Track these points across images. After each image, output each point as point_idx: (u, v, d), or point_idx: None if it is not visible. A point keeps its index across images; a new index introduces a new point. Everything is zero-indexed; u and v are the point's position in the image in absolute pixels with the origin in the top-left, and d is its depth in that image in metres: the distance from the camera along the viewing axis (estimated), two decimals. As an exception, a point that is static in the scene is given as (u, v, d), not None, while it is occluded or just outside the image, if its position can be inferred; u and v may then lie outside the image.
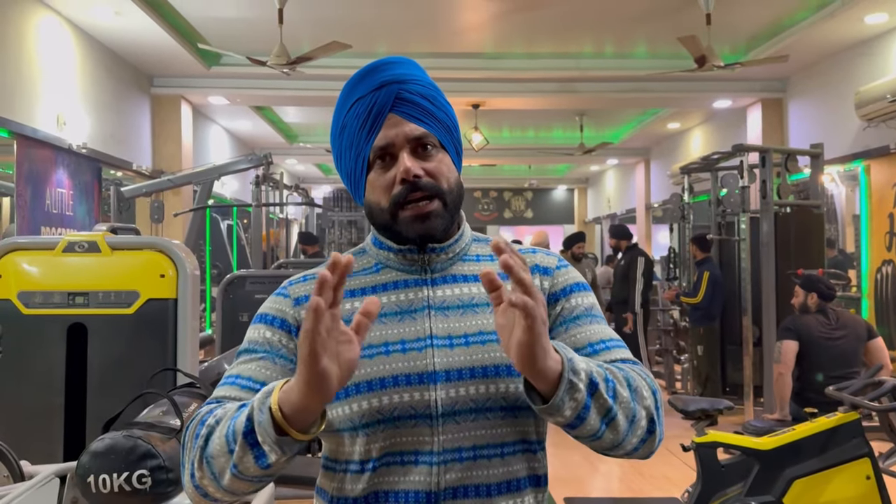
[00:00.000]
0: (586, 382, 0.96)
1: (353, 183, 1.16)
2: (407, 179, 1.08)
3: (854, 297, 7.12)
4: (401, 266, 1.15)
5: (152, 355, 2.42)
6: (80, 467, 1.49)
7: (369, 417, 1.05)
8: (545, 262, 1.19)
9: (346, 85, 1.15)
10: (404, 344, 1.08)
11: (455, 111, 1.20)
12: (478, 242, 1.21)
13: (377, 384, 1.06)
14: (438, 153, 1.13)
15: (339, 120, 1.15)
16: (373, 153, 1.11)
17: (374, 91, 1.11)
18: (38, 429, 2.40)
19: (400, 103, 1.11)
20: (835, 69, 7.52)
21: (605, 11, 6.79)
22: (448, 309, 1.11)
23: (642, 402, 1.03)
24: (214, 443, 0.98)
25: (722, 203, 7.03)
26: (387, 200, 1.11)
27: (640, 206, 13.61)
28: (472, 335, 1.09)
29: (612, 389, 0.99)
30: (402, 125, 1.10)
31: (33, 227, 5.64)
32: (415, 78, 1.14)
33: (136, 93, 8.01)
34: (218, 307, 4.76)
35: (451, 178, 1.13)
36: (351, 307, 1.11)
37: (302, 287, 1.16)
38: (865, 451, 2.98)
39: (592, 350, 1.11)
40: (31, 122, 5.70)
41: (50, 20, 6.05)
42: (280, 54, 6.07)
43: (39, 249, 2.50)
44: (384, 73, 1.12)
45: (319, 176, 16.95)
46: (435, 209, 1.10)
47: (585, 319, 1.14)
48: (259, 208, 8.09)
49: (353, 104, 1.13)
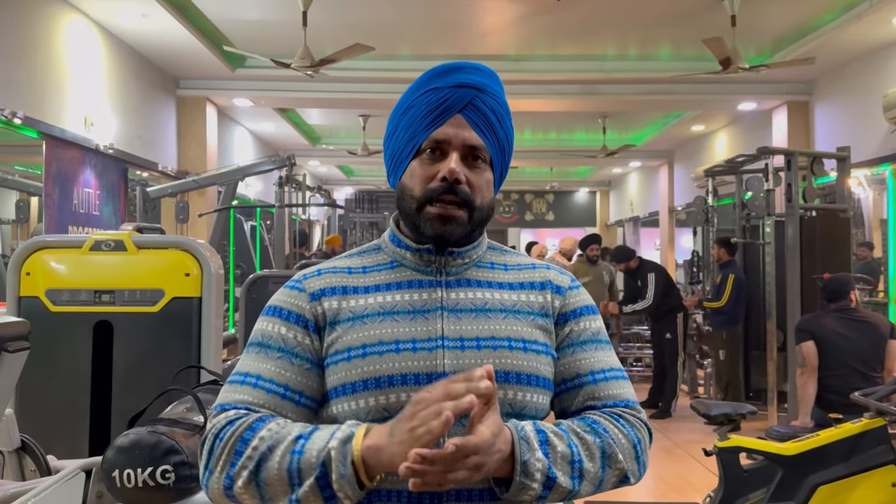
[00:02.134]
0: (541, 480, 1.01)
1: (396, 163, 1.17)
2: (448, 179, 1.10)
3: (881, 303, 7.01)
4: (416, 266, 1.16)
5: (176, 353, 2.44)
6: (106, 462, 1.51)
7: (376, 414, 1.06)
8: (558, 280, 1.21)
9: (426, 72, 1.17)
10: (415, 343, 1.09)
11: None
12: (493, 251, 1.22)
13: (385, 381, 1.07)
14: (485, 168, 1.14)
15: (407, 100, 1.17)
16: (426, 142, 1.12)
17: (452, 88, 1.13)
18: (65, 424, 2.44)
19: (470, 109, 1.12)
20: (862, 71, 7.42)
21: (628, 13, 6.76)
22: (461, 312, 1.12)
23: (615, 466, 1.08)
24: (271, 471, 1.00)
25: (746, 206, 6.97)
26: (420, 190, 1.12)
27: (662, 209, 13.51)
28: (483, 339, 1.10)
29: (577, 471, 1.04)
30: (464, 129, 1.12)
31: (61, 227, 5.72)
32: (492, 91, 1.15)
33: (162, 94, 8.10)
34: (241, 307, 4.79)
35: (487, 196, 1.15)
36: (365, 303, 1.12)
37: (317, 281, 1.16)
38: (891, 457, 2.94)
39: (592, 379, 1.15)
40: (60, 123, 5.78)
41: (78, 22, 6.14)
42: (304, 57, 6.11)
43: (67, 248, 2.54)
44: (467, 76, 1.14)
45: (342, 178, 17.03)
46: (460, 217, 1.11)
47: (591, 345, 1.17)
48: (282, 209, 8.14)
49: (427, 91, 1.14)
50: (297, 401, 1.09)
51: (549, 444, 1.03)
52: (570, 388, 1.15)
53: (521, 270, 1.21)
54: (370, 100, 8.93)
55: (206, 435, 1.06)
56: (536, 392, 1.11)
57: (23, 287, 2.50)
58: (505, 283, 1.18)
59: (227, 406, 1.08)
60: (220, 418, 1.06)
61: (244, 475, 1.00)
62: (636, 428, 1.11)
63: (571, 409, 1.15)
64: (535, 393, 1.11)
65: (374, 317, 1.11)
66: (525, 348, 1.11)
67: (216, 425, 1.05)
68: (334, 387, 1.09)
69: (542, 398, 1.12)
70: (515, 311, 1.14)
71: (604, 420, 1.10)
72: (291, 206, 8.84)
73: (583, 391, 1.14)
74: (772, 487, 2.97)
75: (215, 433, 1.04)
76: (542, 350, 1.14)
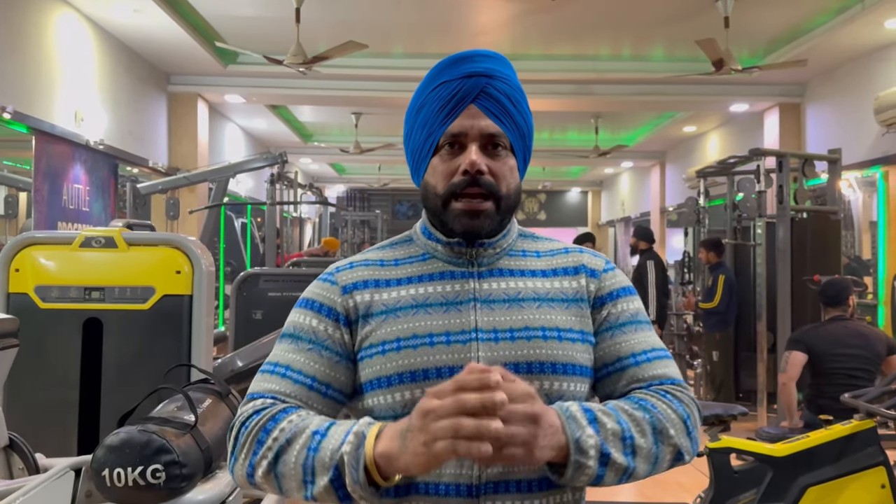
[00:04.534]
0: (596, 457, 0.98)
1: (416, 162, 1.16)
2: (469, 172, 1.09)
3: (870, 305, 7.05)
4: (448, 258, 1.15)
5: (167, 351, 2.43)
6: (95, 461, 1.49)
7: (411, 407, 1.04)
8: (592, 263, 1.18)
9: (435, 66, 1.15)
10: (448, 336, 1.08)
11: None
12: (524, 238, 1.21)
13: (420, 375, 1.07)
14: (506, 155, 1.13)
15: (420, 98, 1.16)
16: (443, 138, 1.11)
17: (462, 79, 1.11)
18: (54, 422, 2.42)
19: (483, 97, 1.11)
20: (854, 74, 7.45)
21: (622, 14, 6.77)
22: (494, 302, 1.11)
23: (667, 442, 1.04)
24: (287, 465, 1.00)
25: (738, 207, 6.99)
26: (444, 187, 1.11)
27: (654, 210, 13.54)
28: (517, 330, 1.09)
29: (630, 447, 1.01)
30: (479, 118, 1.10)
31: (50, 223, 5.68)
32: (503, 76, 1.13)
33: (153, 90, 8.06)
34: (231, 305, 4.77)
35: (512, 182, 1.13)
36: (398, 295, 1.12)
37: (349, 274, 1.16)
38: (881, 459, 2.95)
39: (634, 361, 1.12)
40: (50, 118, 5.74)
41: (69, 17, 6.10)
42: (297, 53, 6.09)
43: (56, 244, 2.52)
44: (476, 65, 1.12)
45: (333, 175, 16.99)
46: (487, 209, 1.10)
47: (630, 327, 1.15)
48: (273, 207, 8.11)
49: (438, 86, 1.13)
50: (324, 392, 1.10)
51: (597, 421, 1.00)
52: (612, 371, 1.13)
53: (554, 256, 1.19)
54: (363, 97, 8.92)
55: (234, 422, 1.07)
56: (573, 381, 1.10)
57: (12, 283, 2.48)
58: (538, 270, 1.16)
59: (255, 395, 1.09)
60: (248, 407, 1.07)
61: (264, 465, 1.01)
62: (685, 403, 1.08)
63: (616, 393, 1.13)
64: (571, 381, 1.09)
65: (408, 309, 1.11)
66: (560, 337, 1.10)
67: (243, 414, 1.06)
68: (369, 380, 1.10)
69: (579, 386, 1.11)
70: (549, 300, 1.13)
71: (651, 397, 1.07)
72: (283, 203, 8.81)
73: (626, 374, 1.12)
74: (762, 488, 2.97)
75: (242, 421, 1.05)
76: (578, 338, 1.12)
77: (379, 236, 14.61)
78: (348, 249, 12.74)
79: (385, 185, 17.29)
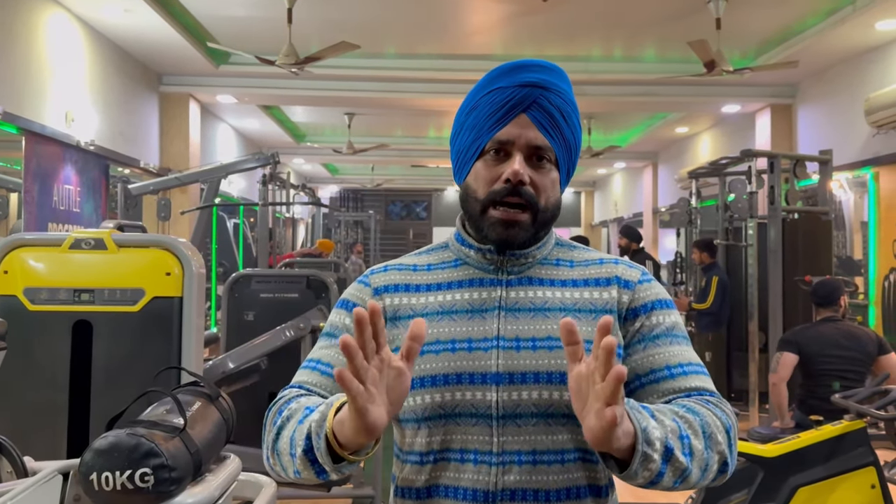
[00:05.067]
0: (661, 451, 0.95)
1: (461, 162, 1.17)
2: (511, 181, 1.09)
3: (861, 305, 7.08)
4: (478, 264, 1.16)
5: (157, 353, 2.41)
6: (83, 465, 1.48)
7: (431, 411, 1.08)
8: (627, 274, 1.17)
9: (492, 71, 1.16)
10: (471, 343, 1.09)
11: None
12: (560, 247, 1.20)
13: (441, 380, 1.08)
14: (550, 168, 1.13)
15: (473, 100, 1.16)
16: (490, 143, 1.12)
17: (517, 87, 1.11)
18: (42, 425, 2.40)
19: (535, 108, 1.11)
20: (845, 75, 7.48)
21: (614, 15, 6.78)
22: (519, 311, 1.11)
23: (716, 448, 1.02)
24: (283, 439, 1.03)
25: (729, 208, 7.00)
26: (484, 192, 1.11)
27: (647, 210, 13.58)
28: (539, 339, 1.09)
29: (687, 447, 0.98)
30: (529, 129, 1.10)
31: (41, 224, 5.65)
32: (558, 89, 1.13)
33: (144, 90, 8.03)
34: (223, 305, 4.75)
35: (552, 196, 1.13)
36: (426, 301, 1.14)
37: (382, 277, 1.19)
38: (871, 459, 2.96)
39: (669, 374, 1.10)
40: (40, 119, 5.71)
41: (59, 17, 6.07)
42: (289, 54, 6.07)
43: (46, 246, 2.51)
44: (532, 75, 1.13)
45: (326, 176, 16.97)
46: (523, 221, 1.10)
47: (665, 339, 1.12)
48: (265, 207, 8.10)
49: (493, 91, 1.13)
50: None
51: (656, 418, 0.97)
52: (645, 383, 1.10)
53: (588, 266, 1.17)
54: (355, 98, 8.91)
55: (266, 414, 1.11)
56: None
57: (0, 286, 2.47)
58: (569, 280, 1.15)
59: (287, 387, 1.14)
60: (277, 397, 1.12)
61: (269, 444, 1.06)
62: (727, 414, 1.06)
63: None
64: None
65: (434, 315, 1.12)
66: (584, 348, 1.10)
67: (273, 404, 1.11)
68: None
69: None
70: (576, 310, 1.11)
71: (695, 404, 1.05)
72: (275, 204, 8.80)
73: (660, 386, 1.09)
74: (753, 489, 2.98)
75: (269, 410, 1.10)
76: None
77: (372, 237, 14.61)
78: (341, 250, 12.73)
79: (378, 186, 17.28)
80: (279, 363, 4.34)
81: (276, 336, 4.09)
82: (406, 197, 19.64)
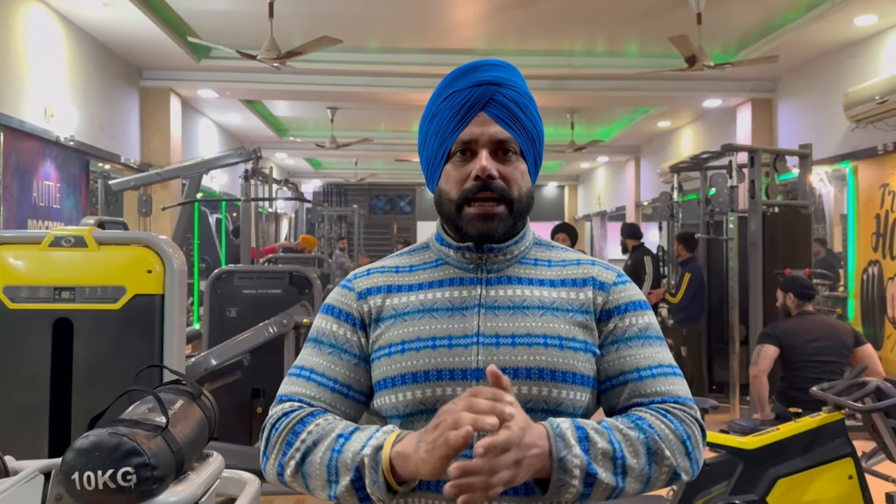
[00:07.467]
0: (581, 477, 1.00)
1: (431, 169, 1.20)
2: (481, 177, 1.12)
3: (841, 297, 7.17)
4: (458, 263, 1.18)
5: (138, 351, 2.40)
6: (65, 464, 1.48)
7: (413, 408, 1.11)
8: (602, 276, 1.19)
9: (446, 76, 1.19)
10: (451, 340, 1.12)
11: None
12: (539, 246, 1.23)
13: (422, 377, 1.10)
14: (517, 160, 1.16)
15: (433, 107, 1.19)
16: (455, 145, 1.15)
17: (472, 88, 1.15)
18: (23, 424, 2.39)
19: (492, 105, 1.14)
20: (824, 70, 7.55)
21: (596, 10, 6.79)
22: (498, 309, 1.14)
23: (662, 463, 1.05)
24: (313, 465, 1.06)
25: (711, 202, 7.06)
26: (457, 193, 1.14)
27: (629, 204, 13.64)
28: (518, 336, 1.11)
29: (620, 467, 1.03)
30: (489, 125, 1.14)
31: (20, 220, 5.60)
32: (512, 84, 1.17)
33: (124, 85, 7.96)
34: (206, 302, 4.73)
35: (523, 186, 1.16)
36: (407, 300, 1.16)
37: (365, 281, 1.21)
38: (848, 450, 3.01)
39: (638, 376, 1.13)
40: (18, 115, 5.65)
41: (37, 11, 6.00)
42: (270, 48, 6.04)
43: (25, 244, 2.49)
44: (485, 73, 1.16)
45: (309, 170, 16.90)
46: (500, 212, 1.13)
47: (637, 342, 1.15)
48: (248, 203, 8.05)
49: (449, 95, 1.16)
50: (346, 394, 1.16)
51: (588, 440, 1.02)
52: (615, 385, 1.14)
53: (565, 267, 1.20)
54: (338, 92, 8.87)
55: (265, 424, 1.13)
56: (573, 389, 1.11)
57: (-21, 284, 2.44)
58: (546, 279, 1.18)
59: (284, 398, 1.15)
60: (278, 409, 1.13)
61: (292, 465, 1.07)
62: (685, 423, 1.09)
63: (618, 406, 1.14)
64: (571, 390, 1.11)
65: (415, 314, 1.15)
66: (561, 345, 1.11)
67: (274, 416, 1.12)
68: (377, 381, 1.15)
69: (580, 395, 1.12)
70: (554, 309, 1.14)
71: (649, 416, 1.08)
72: (258, 199, 8.75)
73: (627, 388, 1.13)
74: (733, 481, 3.02)
75: (272, 423, 1.11)
76: (581, 347, 1.13)
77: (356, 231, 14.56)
78: (325, 245, 12.69)
79: (362, 181, 17.23)
80: (262, 359, 4.34)
81: (259, 332, 4.08)
82: (390, 191, 19.60)
